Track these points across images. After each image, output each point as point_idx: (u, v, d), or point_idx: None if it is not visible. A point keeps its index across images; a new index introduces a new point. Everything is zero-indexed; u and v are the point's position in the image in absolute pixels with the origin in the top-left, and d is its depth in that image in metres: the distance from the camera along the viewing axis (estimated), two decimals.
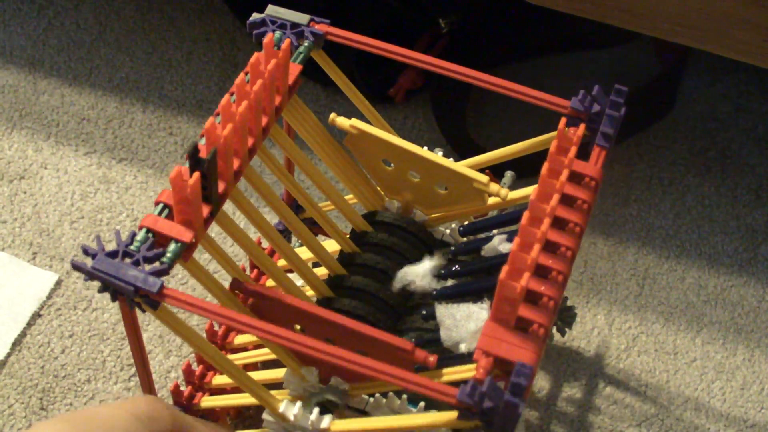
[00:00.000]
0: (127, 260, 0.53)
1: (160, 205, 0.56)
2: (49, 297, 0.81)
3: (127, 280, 0.52)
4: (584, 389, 0.79)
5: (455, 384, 0.51)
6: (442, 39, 0.94)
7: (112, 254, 0.53)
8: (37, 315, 0.80)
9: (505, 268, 0.51)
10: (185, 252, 0.55)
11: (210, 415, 0.72)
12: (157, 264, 0.53)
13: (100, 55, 0.99)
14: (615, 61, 0.99)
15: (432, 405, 0.63)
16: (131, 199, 0.88)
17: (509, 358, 0.51)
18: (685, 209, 0.91)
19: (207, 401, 0.71)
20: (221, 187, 0.57)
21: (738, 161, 0.94)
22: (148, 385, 0.64)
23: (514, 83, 0.64)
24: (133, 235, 0.54)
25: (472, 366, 0.53)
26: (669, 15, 0.73)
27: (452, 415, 0.51)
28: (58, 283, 0.82)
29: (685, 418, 0.78)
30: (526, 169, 0.77)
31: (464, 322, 0.59)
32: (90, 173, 0.89)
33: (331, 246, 0.70)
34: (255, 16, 0.66)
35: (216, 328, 0.75)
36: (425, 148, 0.68)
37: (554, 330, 0.76)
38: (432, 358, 0.54)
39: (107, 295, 0.79)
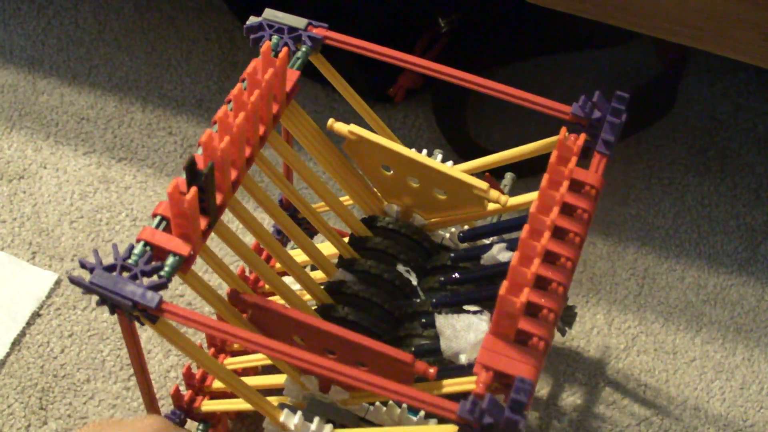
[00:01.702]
0: (125, 274, 0.53)
1: (158, 218, 0.55)
2: (48, 296, 0.81)
3: (125, 295, 0.52)
4: (584, 389, 0.79)
5: (456, 396, 0.51)
6: (441, 39, 0.93)
7: (110, 268, 0.53)
8: (36, 314, 0.80)
9: (504, 283, 0.51)
10: (183, 265, 0.54)
11: (210, 418, 0.72)
12: (155, 278, 0.53)
13: (99, 54, 0.98)
14: (615, 61, 0.99)
15: (432, 414, 0.63)
16: (131, 199, 0.88)
17: (509, 372, 0.51)
18: (685, 209, 0.91)
19: (207, 405, 0.71)
20: (219, 198, 0.57)
21: (737, 161, 0.94)
22: (148, 394, 0.64)
23: (516, 89, 0.63)
24: (131, 248, 0.54)
25: (472, 378, 0.53)
26: (669, 15, 0.73)
27: (452, 428, 0.51)
28: (58, 283, 0.82)
29: (685, 418, 0.78)
30: (526, 169, 0.77)
31: (464, 332, 0.59)
32: (89, 173, 0.89)
33: (328, 248, 0.70)
34: (252, 20, 0.65)
35: None
36: (425, 150, 0.67)
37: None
38: (432, 370, 0.54)
39: None
